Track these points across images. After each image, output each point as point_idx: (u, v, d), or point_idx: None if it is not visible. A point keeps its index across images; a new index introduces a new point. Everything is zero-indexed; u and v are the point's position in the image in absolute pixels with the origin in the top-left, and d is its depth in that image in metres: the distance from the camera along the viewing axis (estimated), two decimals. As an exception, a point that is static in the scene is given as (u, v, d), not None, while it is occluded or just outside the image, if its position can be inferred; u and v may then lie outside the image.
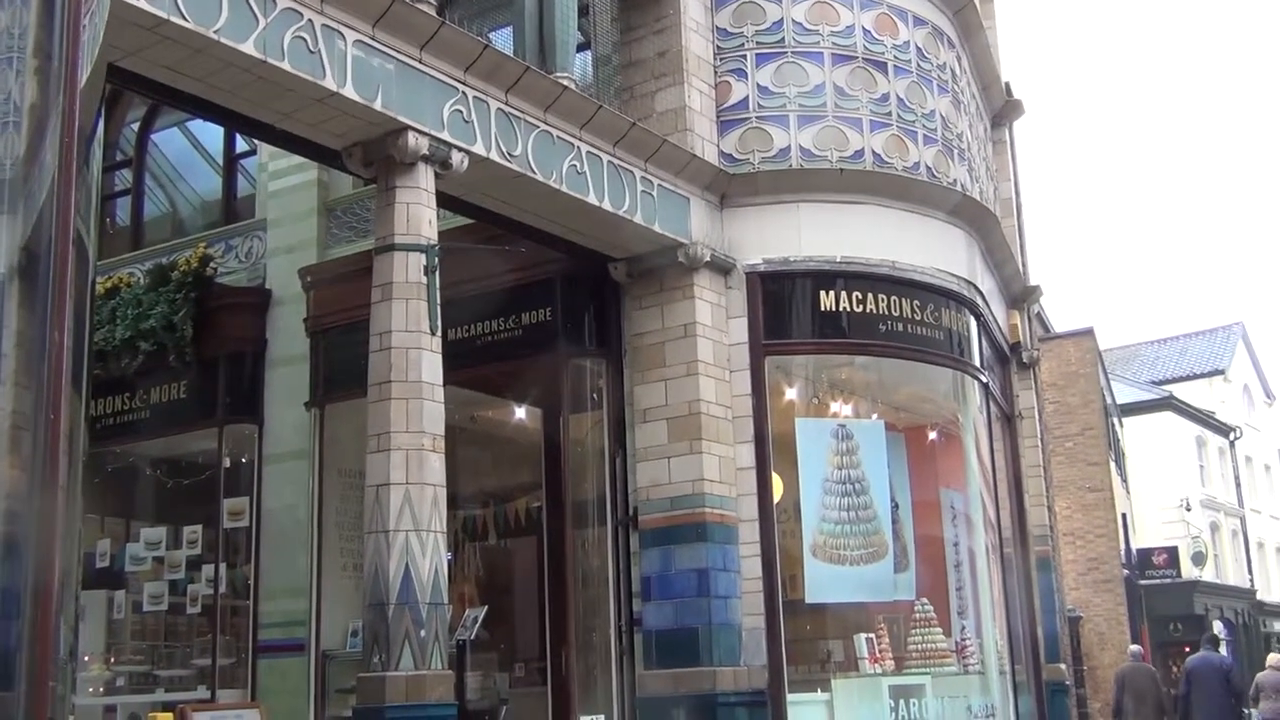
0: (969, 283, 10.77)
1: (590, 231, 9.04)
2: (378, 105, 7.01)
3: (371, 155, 7.31)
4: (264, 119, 7.13)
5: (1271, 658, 12.96)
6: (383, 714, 6.56)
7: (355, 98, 6.89)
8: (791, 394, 10.10)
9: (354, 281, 8.13)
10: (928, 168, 10.38)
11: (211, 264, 11.51)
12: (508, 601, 11.29)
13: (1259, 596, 46.17)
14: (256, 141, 11.24)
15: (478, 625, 10.14)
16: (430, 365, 7.09)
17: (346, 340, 9.66)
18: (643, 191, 8.97)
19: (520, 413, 10.94)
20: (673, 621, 8.88)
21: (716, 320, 9.44)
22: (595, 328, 9.70)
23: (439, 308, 7.19)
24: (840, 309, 9.81)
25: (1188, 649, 31.86)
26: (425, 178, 7.31)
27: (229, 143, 12.45)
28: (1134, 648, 19.03)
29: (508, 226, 8.74)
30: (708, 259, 9.36)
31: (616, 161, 8.75)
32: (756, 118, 9.91)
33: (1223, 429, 45.98)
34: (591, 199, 8.48)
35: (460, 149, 7.49)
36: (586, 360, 9.73)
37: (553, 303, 9.81)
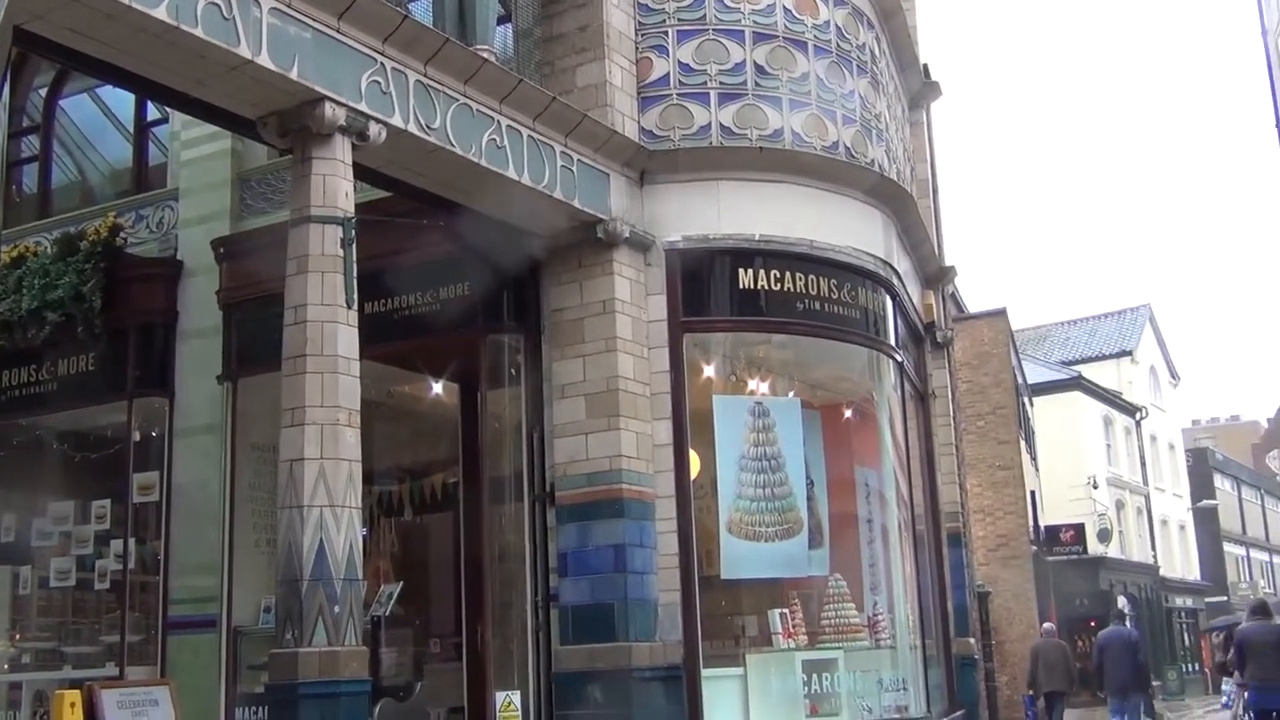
0: (885, 262, 10.88)
1: (509, 206, 8.97)
2: (294, 75, 6.90)
3: (287, 125, 7.19)
4: (176, 86, 6.98)
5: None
6: (295, 690, 6.50)
7: (270, 66, 6.77)
8: (709, 371, 10.14)
9: (268, 254, 7.99)
10: (846, 148, 10.45)
11: (121, 234, 11.30)
12: (423, 577, 11.24)
13: (1162, 572, 47.34)
14: (169, 109, 11.03)
15: (393, 601, 10.09)
16: (346, 339, 7.02)
17: (260, 313, 9.53)
18: (563, 167, 8.93)
19: (437, 388, 10.86)
20: (589, 597, 8.89)
21: (635, 297, 9.44)
22: (514, 303, 9.65)
23: (355, 281, 7.11)
24: (758, 287, 9.85)
25: (1093, 623, 32.64)
26: (342, 149, 7.21)
27: (140, 110, 12.21)
28: (1047, 625, 20.90)
29: (426, 200, 8.65)
30: (627, 235, 9.35)
31: (537, 136, 8.70)
32: (677, 95, 9.91)
33: (1129, 409, 47.00)
34: (511, 173, 8.43)
35: (378, 120, 7.40)
36: (505, 336, 9.68)
37: (470, 277, 9.74)
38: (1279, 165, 22.76)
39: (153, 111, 12.02)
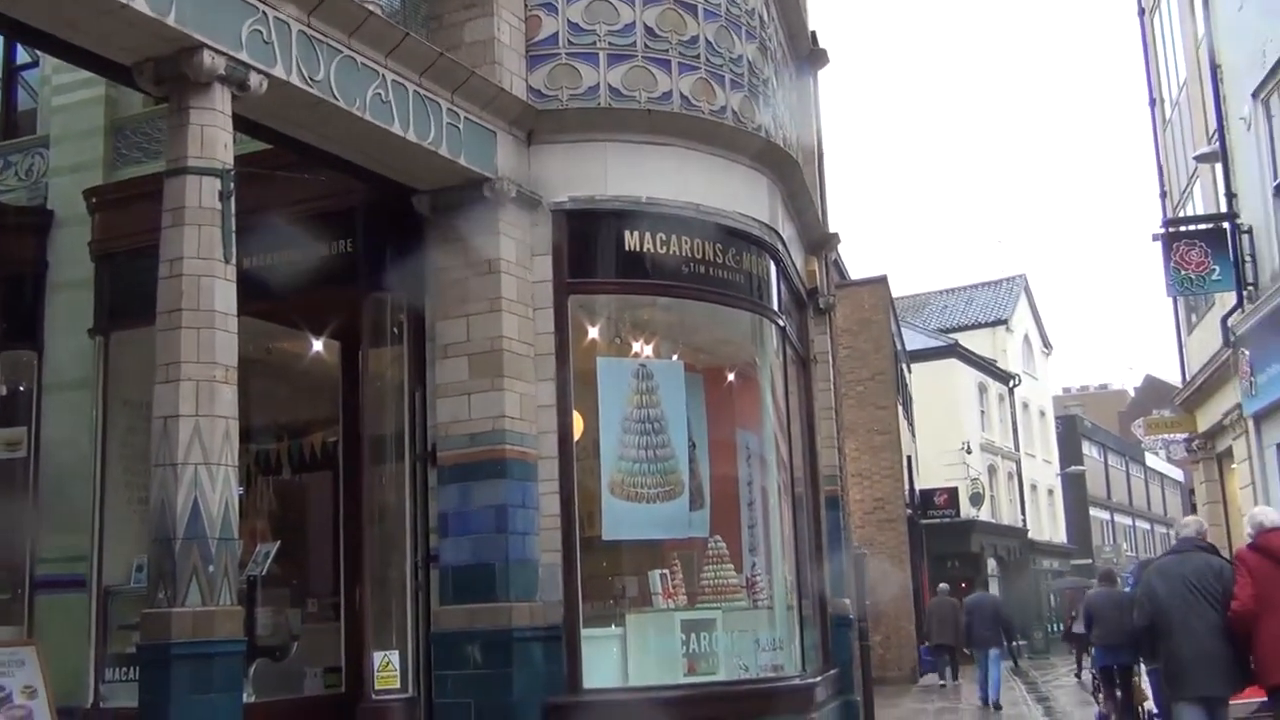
0: (770, 228, 10.96)
1: (394, 162, 8.86)
2: (171, 20, 6.70)
3: (164, 73, 6.98)
4: (48, 29, 6.74)
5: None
6: (168, 651, 6.39)
7: (147, 11, 6.56)
8: (594, 333, 10.14)
9: (143, 204, 7.78)
10: (734, 112, 10.49)
11: (-12, 181, 10.93)
12: (301, 537, 11.11)
13: (1030, 535, 48.69)
14: (39, 54, 10.66)
15: (269, 561, 9.97)
16: (223, 294, 6.87)
17: (134, 266, 9.29)
18: (449, 124, 8.82)
19: (318, 346, 10.71)
20: (470, 558, 8.87)
21: (521, 257, 9.39)
22: (396, 261, 9.53)
23: (234, 235, 6.96)
24: (644, 250, 9.86)
25: (964, 585, 33.49)
26: (221, 99, 7.03)
27: (8, 53, 11.80)
28: (943, 585, 26.58)
29: (308, 153, 8.49)
30: (513, 195, 9.29)
31: (422, 92, 8.58)
32: (566, 54, 9.85)
33: (1003, 376, 48.14)
34: (396, 129, 8.31)
35: (259, 71, 7.23)
36: (387, 294, 9.56)
37: (353, 234, 9.61)
38: (1152, 142, 23.40)
39: (22, 55, 11.63)
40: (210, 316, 6.78)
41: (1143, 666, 12.93)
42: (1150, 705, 13.46)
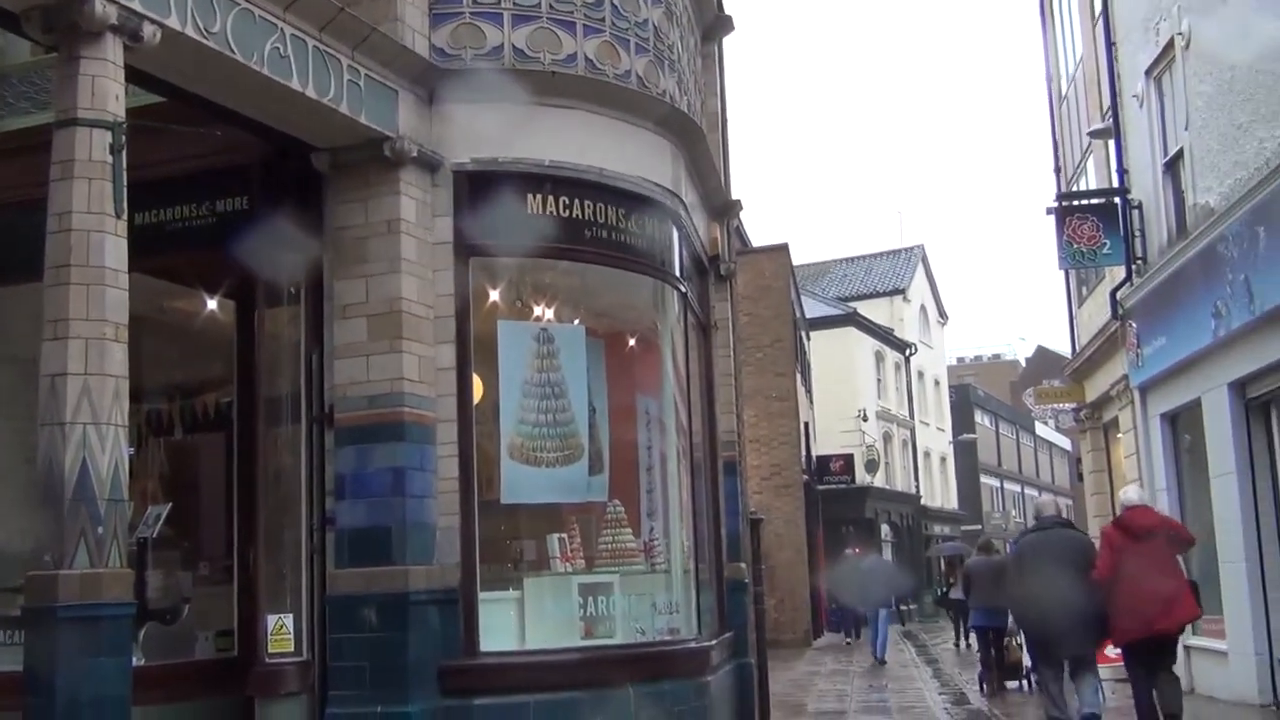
0: (674, 194, 10.97)
1: (293, 119, 8.69)
2: (61, -34, 6.49)
3: (53, 21, 6.76)
4: (-71, -28, 6.50)
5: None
6: (54, 613, 6.26)
7: (35, -44, 6.36)
8: (495, 296, 10.08)
9: (30, 157, 7.53)
10: (639, 77, 10.46)
11: None
12: (194, 499, 10.91)
13: (923, 502, 49.63)
14: (-80, -4, 10.25)
15: (160, 523, 9.80)
16: (114, 250, 6.70)
17: (20, 220, 8.93)
18: (349, 81, 8.68)
19: (212, 304, 10.49)
20: (366, 521, 8.80)
21: (422, 218, 9.29)
22: (295, 219, 9.38)
23: (125, 189, 6.78)
24: (547, 213, 9.81)
25: (857, 550, 34.04)
26: (113, 49, 6.83)
27: (-113, -5, 11.31)
28: (849, 551, 30.58)
29: (204, 107, 8.29)
30: (415, 155, 9.18)
31: (322, 47, 8.42)
32: (470, 13, 9.73)
33: (900, 345, 48.89)
34: (295, 84, 8.15)
35: (153, 21, 7.03)
36: (284, 253, 9.39)
37: (250, 191, 9.43)
38: (1048, 117, 23.88)
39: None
40: (100, 273, 6.62)
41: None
42: (1027, 662, 14.20)
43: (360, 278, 9.07)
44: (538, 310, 10.47)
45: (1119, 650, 10.40)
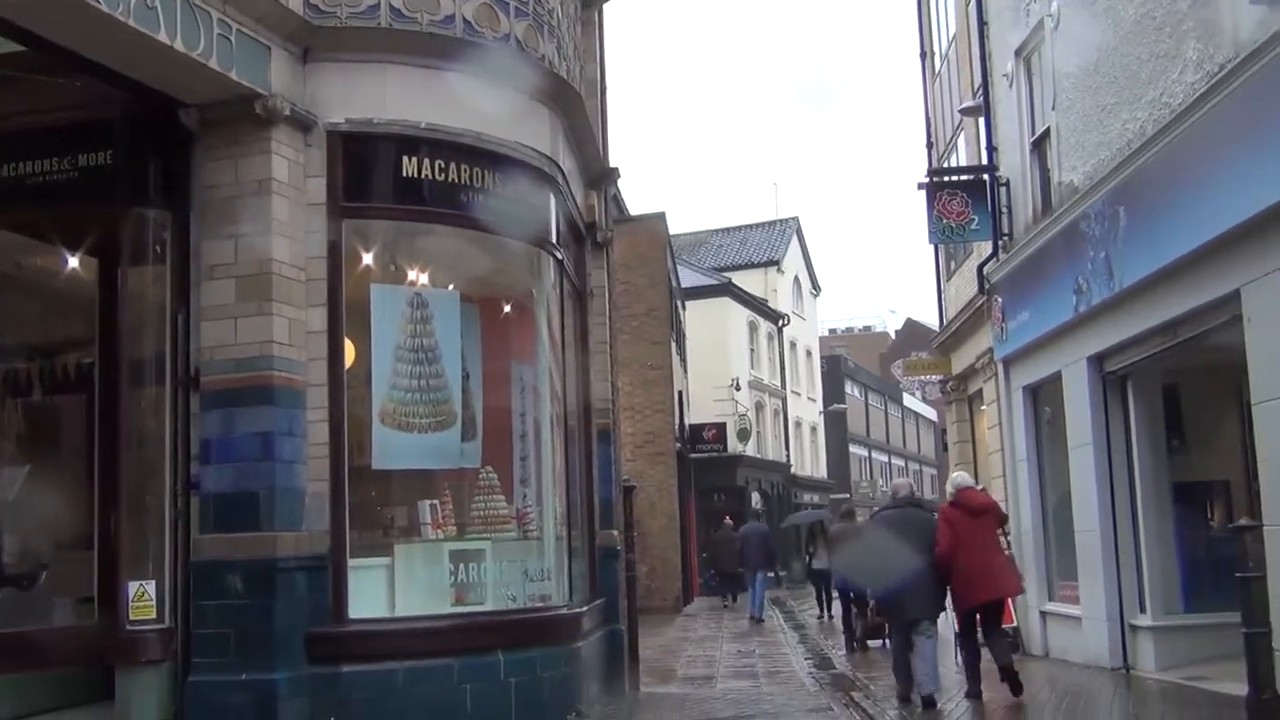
0: (551, 160, 10.92)
1: (160, 72, 8.43)
2: (-88, -95, 6.20)
3: (-97, -38, 6.48)
4: None
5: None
6: (-98, 580, 6.05)
7: (-116, -107, 6.06)
8: (368, 259, 9.94)
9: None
10: (518, 40, 10.38)
11: None
12: (53, 462, 10.60)
13: (793, 470, 50.37)
14: None
15: (17, 486, 9.53)
16: (-32, 204, 6.46)
17: None
18: (220, 35, 8.45)
19: (74, 262, 10.17)
20: (233, 485, 8.65)
21: (294, 178, 9.11)
22: (162, 176, 9.13)
23: (-19, 141, 6.53)
24: (423, 176, 9.71)
25: (727, 517, 34.46)
26: (-32, -6, 6.57)
27: None
28: (728, 521, 32.72)
29: (66, 58, 7.99)
30: (287, 113, 8.99)
31: (192, 0, 8.18)
32: (346, -30, 9.53)
33: (773, 316, 49.43)
34: (162, 37, 7.90)
35: (12, -33, 6.77)
36: (150, 210, 9.15)
37: (114, 146, 9.14)
38: (921, 94, 24.33)
39: None
40: (-47, 227, 6.37)
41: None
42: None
43: (229, 238, 8.87)
44: (412, 274, 10.36)
45: (956, 614, 11.64)
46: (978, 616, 11.25)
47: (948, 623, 12.41)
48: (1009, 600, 14.85)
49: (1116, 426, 13.08)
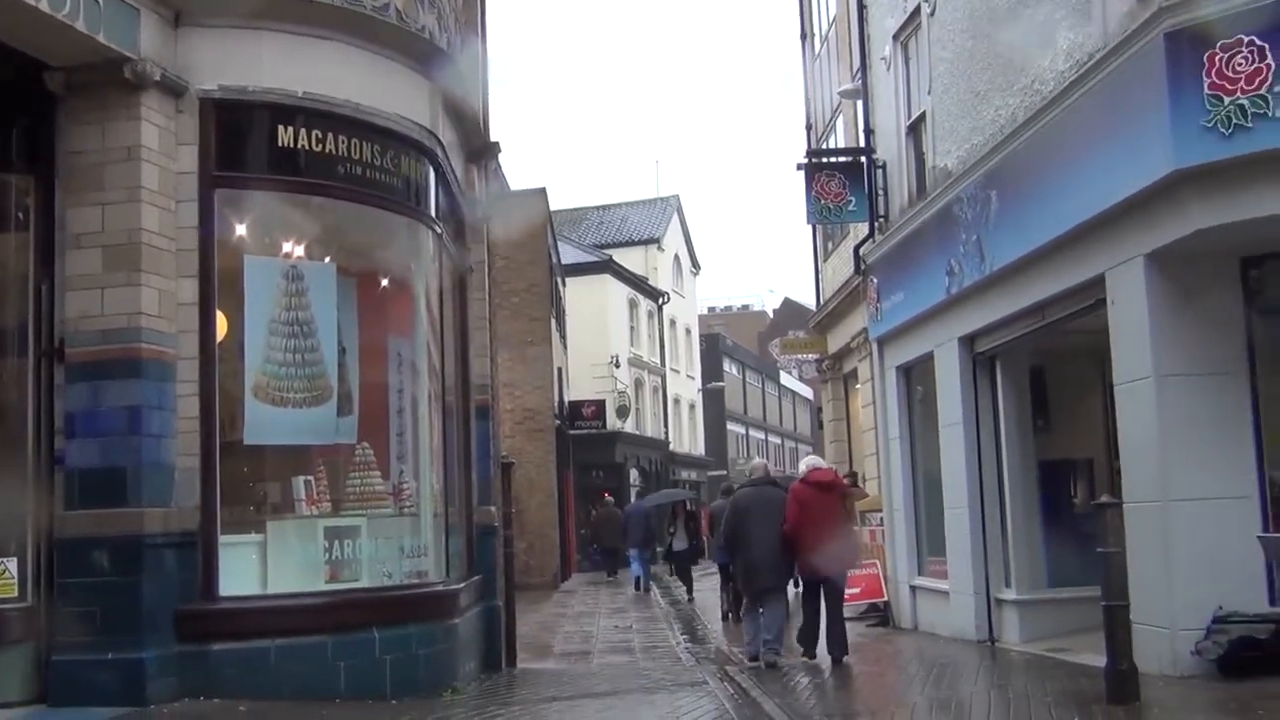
0: (431, 133, 10.81)
1: (22, 33, 8.13)
2: None
3: None
4: None
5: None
6: None
7: None
8: (242, 230, 9.73)
9: None
10: (398, 10, 10.22)
11: None
12: (-94, 435, 10.23)
13: (671, 447, 50.69)
14: None
15: None
16: None
17: None
18: (87, -4, 8.17)
19: (-71, 228, 9.80)
20: (99, 461, 8.43)
21: (165, 145, 8.88)
22: (25, 141, 8.82)
23: None
24: (299, 146, 9.53)
25: (607, 494, 34.59)
26: None
27: None
28: (609, 498, 34.08)
29: (-78, 16, 7.69)
30: (157, 78, 8.74)
31: (57, -42, 7.91)
32: (221, -67, 9.30)
33: (653, 294, 49.62)
34: (26, -4, 7.62)
35: None
36: (12, 176, 8.85)
37: (-27, 109, 8.82)
38: (802, 75, 24.64)
39: None
40: None
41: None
42: None
43: (96, 205, 8.62)
44: (287, 246, 10.17)
45: (801, 582, 12.71)
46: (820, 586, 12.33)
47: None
48: (879, 577, 15.39)
49: (985, 406, 13.40)
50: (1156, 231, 9.25)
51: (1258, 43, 8.26)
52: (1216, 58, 8.40)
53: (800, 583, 12.76)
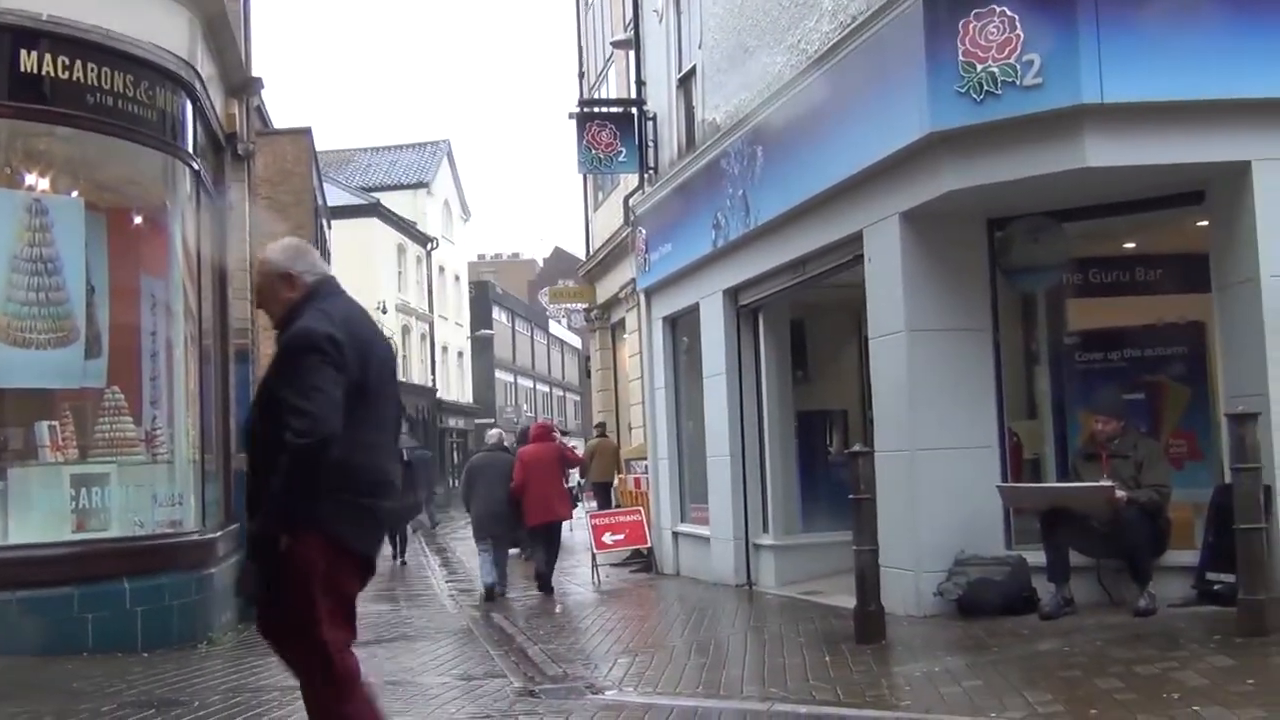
0: (188, 64, 10.36)
1: None
2: None
3: None
4: None
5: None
6: None
7: None
8: (-20, 160, 9.17)
9: None
10: (153, -66, 9.75)
11: None
12: None
13: (439, 395, 50.33)
14: None
15: None
16: None
17: None
18: None
19: None
20: None
21: (-109, 66, 8.26)
22: None
23: None
24: (43, 73, 9.01)
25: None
26: None
27: None
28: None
29: None
30: (-117, -7, 8.12)
31: None
32: None
33: (422, 239, 48.98)
34: None
35: None
36: None
37: None
38: (575, 23, 24.68)
39: None
40: None
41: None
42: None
43: None
44: (30, 179, 9.64)
45: (528, 529, 14.75)
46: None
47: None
48: (643, 524, 15.76)
49: (748, 357, 13.71)
50: (911, 191, 9.59)
51: (1009, 13, 8.61)
52: (970, 25, 8.72)
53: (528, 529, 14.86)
